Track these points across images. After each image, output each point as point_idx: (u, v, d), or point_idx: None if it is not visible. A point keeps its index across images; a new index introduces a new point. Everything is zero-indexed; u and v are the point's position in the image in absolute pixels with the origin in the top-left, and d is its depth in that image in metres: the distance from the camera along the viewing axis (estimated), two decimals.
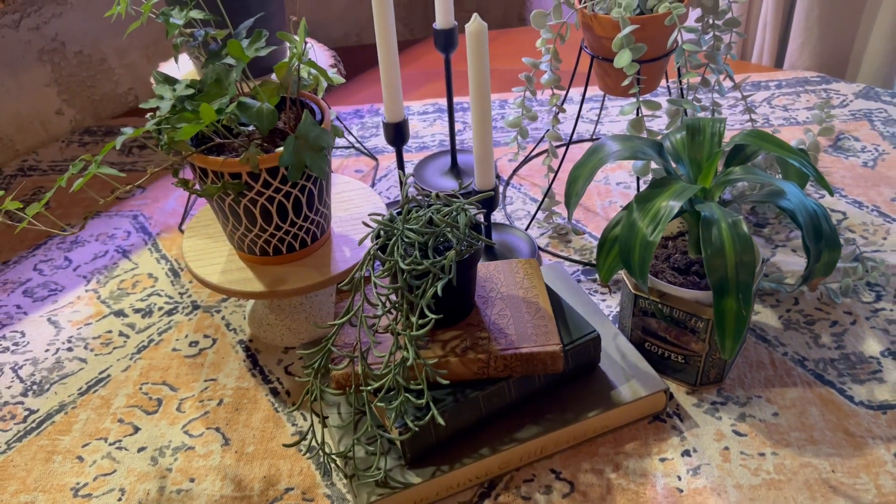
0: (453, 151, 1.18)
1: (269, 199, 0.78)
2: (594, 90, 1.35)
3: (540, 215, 1.09)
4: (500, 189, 1.17)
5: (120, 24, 1.41)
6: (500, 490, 0.75)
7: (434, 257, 0.70)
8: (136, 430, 0.84)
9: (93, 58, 1.41)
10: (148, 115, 0.77)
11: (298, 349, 0.75)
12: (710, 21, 0.96)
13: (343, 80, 0.85)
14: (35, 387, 0.90)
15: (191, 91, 0.73)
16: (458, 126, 1.33)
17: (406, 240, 0.70)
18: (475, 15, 0.82)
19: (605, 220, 1.09)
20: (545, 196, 1.06)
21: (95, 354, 0.94)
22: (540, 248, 1.04)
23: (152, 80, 0.78)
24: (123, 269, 1.07)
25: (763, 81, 1.38)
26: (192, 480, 0.78)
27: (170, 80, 0.77)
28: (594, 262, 1.02)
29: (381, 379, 0.70)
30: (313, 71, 0.86)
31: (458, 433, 0.75)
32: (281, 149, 0.75)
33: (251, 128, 0.80)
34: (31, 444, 0.84)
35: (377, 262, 0.73)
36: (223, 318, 0.98)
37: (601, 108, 1.23)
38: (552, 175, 1.06)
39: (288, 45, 0.81)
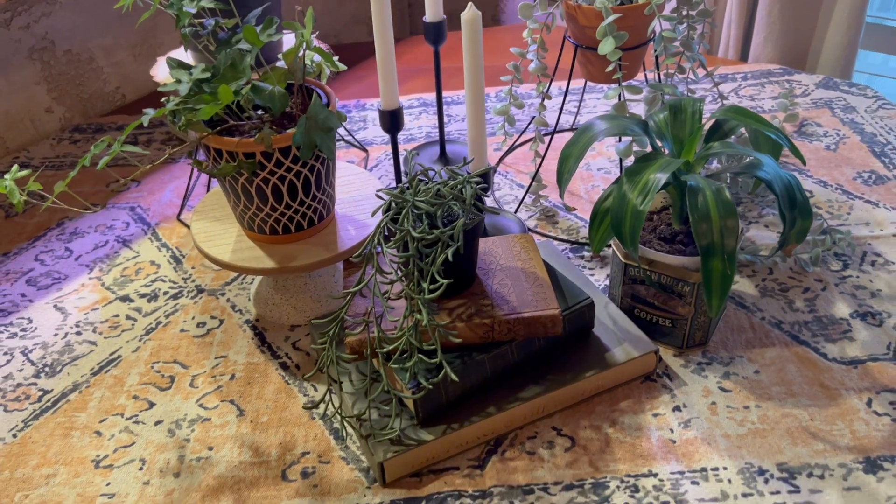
0: (442, 141, 1.23)
1: (281, 178, 0.82)
2: (575, 83, 1.41)
3: (528, 199, 1.14)
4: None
5: (108, 22, 1.44)
6: (505, 446, 0.80)
7: (443, 227, 0.75)
8: (151, 405, 0.87)
9: (81, 56, 1.43)
10: (163, 98, 0.81)
11: (313, 320, 0.79)
12: (685, 11, 1.03)
13: (345, 68, 0.89)
14: (47, 369, 0.93)
15: (207, 75, 0.77)
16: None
17: (415, 211, 0.75)
18: (470, 4, 0.87)
19: (590, 202, 1.15)
20: (533, 180, 1.11)
21: (105, 337, 0.97)
22: (529, 229, 1.10)
23: (166, 66, 0.82)
24: (125, 258, 1.10)
25: (730, 74, 1.46)
26: (210, 449, 0.82)
27: (184, 65, 0.80)
28: (581, 240, 1.07)
29: (395, 342, 0.75)
30: (317, 59, 0.90)
31: (466, 394, 0.80)
32: (293, 129, 0.79)
33: (259, 112, 0.85)
34: (48, 421, 0.86)
35: (387, 234, 0.77)
36: (228, 300, 1.01)
37: (580, 101, 1.29)
38: (539, 160, 1.11)
39: (294, 34, 0.85)
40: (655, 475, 0.76)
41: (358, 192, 0.97)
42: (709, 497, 0.74)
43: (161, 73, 1.08)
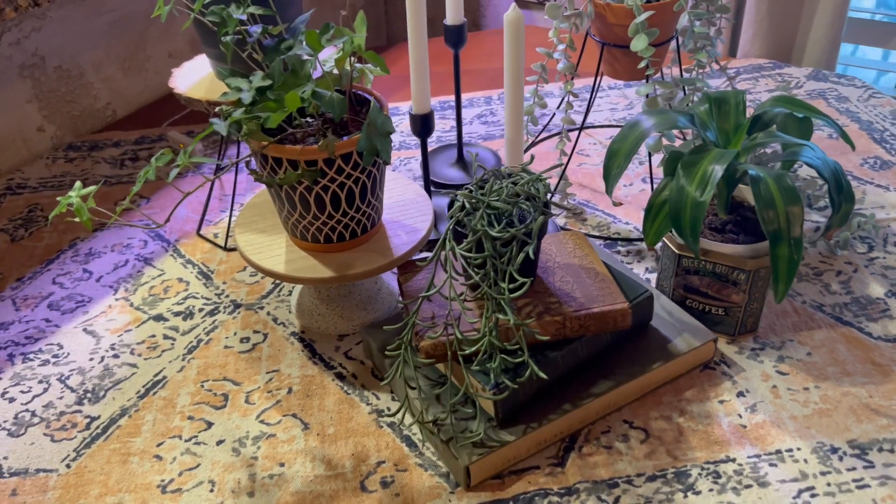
0: (460, 144, 1.23)
1: (340, 185, 0.81)
2: (580, 82, 1.42)
3: (556, 197, 1.15)
4: None
5: (97, 35, 1.39)
6: (581, 442, 0.80)
7: (517, 225, 0.75)
8: (209, 424, 0.85)
9: (71, 72, 1.38)
10: (218, 108, 0.79)
11: (385, 326, 0.78)
12: (706, 7, 1.05)
13: (388, 72, 0.88)
14: (89, 395, 0.89)
15: (268, 82, 0.75)
16: (446, 124, 1.38)
17: (489, 211, 0.75)
18: (513, 4, 0.87)
19: (614, 197, 1.16)
20: (560, 179, 1.12)
21: (144, 359, 0.93)
22: (561, 227, 1.11)
23: (185, 77, 0.80)
24: (150, 276, 1.06)
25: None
26: (281, 465, 0.79)
27: (236, 73, 0.78)
28: (612, 236, 1.09)
29: (476, 344, 0.74)
30: (358, 64, 0.89)
31: (539, 393, 0.80)
32: (357, 135, 0.78)
33: (307, 119, 0.83)
34: (101, 449, 0.83)
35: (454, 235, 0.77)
36: (268, 313, 0.99)
37: (591, 99, 1.31)
38: (566, 158, 1.12)
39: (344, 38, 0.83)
40: (733, 460, 0.78)
41: (400, 196, 0.96)
42: (789, 478, 0.76)
43: (181, 83, 1.05)
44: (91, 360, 0.94)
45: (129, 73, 1.48)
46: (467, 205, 0.75)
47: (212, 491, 0.77)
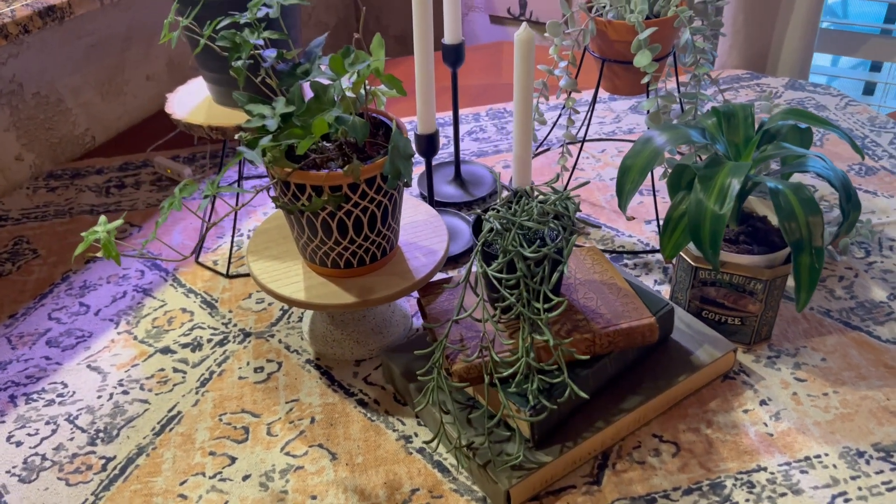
0: (457, 161, 1.23)
1: (364, 209, 0.80)
2: (578, 96, 1.43)
3: None
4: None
5: (75, 60, 1.36)
6: (614, 459, 0.80)
7: (549, 244, 0.74)
8: (233, 459, 0.82)
9: (50, 98, 1.34)
10: (237, 135, 0.77)
11: (417, 352, 0.77)
12: (701, 22, 1.07)
13: (405, 94, 0.88)
14: (102, 434, 0.86)
15: (291, 108, 0.74)
16: (444, 140, 1.38)
17: (520, 231, 0.74)
18: (524, 24, 0.88)
19: (612, 211, 1.18)
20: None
21: (156, 394, 0.91)
22: None
23: (182, 101, 0.78)
24: (152, 308, 1.03)
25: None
26: (313, 498, 0.78)
27: (255, 100, 0.77)
28: (617, 249, 1.10)
29: (513, 366, 0.74)
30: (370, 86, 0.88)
31: (572, 411, 0.80)
32: (381, 159, 0.77)
33: (326, 144, 0.82)
34: (121, 491, 0.80)
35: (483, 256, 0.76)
36: (279, 341, 0.97)
37: (590, 114, 1.32)
38: (567, 174, 1.13)
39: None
40: (765, 469, 0.78)
41: (412, 218, 0.95)
42: (821, 484, 0.77)
43: (178, 109, 1.03)
44: (99, 397, 0.90)
45: (108, 98, 1.44)
46: (498, 226, 0.74)
47: None
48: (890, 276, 1.02)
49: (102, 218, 0.70)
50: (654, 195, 1.11)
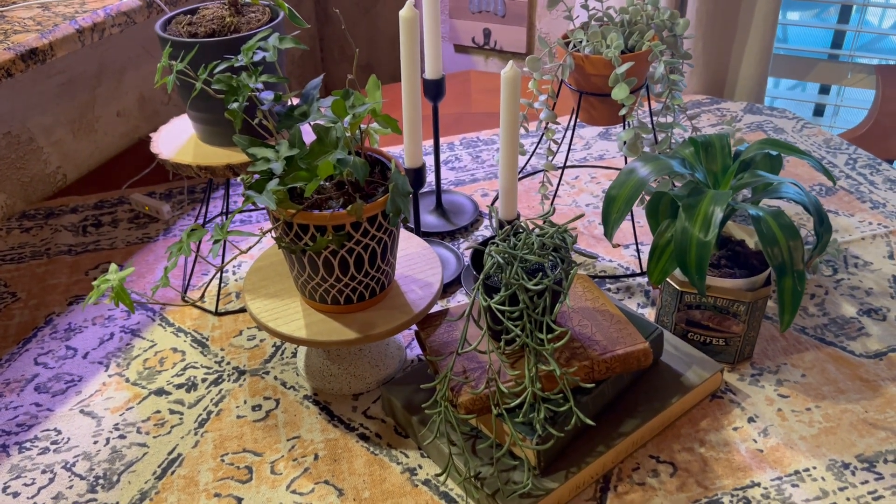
0: (438, 192, 1.25)
1: (365, 246, 0.81)
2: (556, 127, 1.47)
3: None
4: (487, 221, 1.25)
5: (46, 98, 1.34)
6: (615, 482, 0.83)
7: (547, 276, 0.77)
8: (239, 500, 0.82)
9: (21, 137, 1.32)
10: (240, 177, 0.78)
11: (423, 385, 0.78)
12: (671, 55, 1.12)
13: (400, 132, 0.90)
14: (101, 481, 0.85)
15: (295, 151, 0.75)
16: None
17: (522, 264, 0.77)
18: (511, 62, 0.91)
19: (591, 237, 1.21)
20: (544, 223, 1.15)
21: (154, 437, 0.90)
22: None
23: (166, 141, 0.79)
24: (141, 349, 1.03)
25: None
26: None
27: (256, 143, 0.78)
28: (599, 274, 1.13)
29: (519, 396, 0.76)
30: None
31: (573, 438, 0.82)
32: (382, 198, 0.79)
33: (323, 184, 0.83)
34: None
35: (484, 289, 0.79)
36: (275, 378, 0.97)
37: (570, 142, 1.36)
38: (547, 202, 1.16)
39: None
40: (758, 484, 0.82)
41: (404, 251, 0.97)
42: (812, 497, 0.80)
43: (164, 150, 1.03)
44: (95, 443, 0.89)
45: (79, 136, 1.43)
46: (500, 260, 0.77)
47: None
48: (857, 293, 1.08)
49: (113, 266, 0.70)
50: (633, 221, 1.15)
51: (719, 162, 0.94)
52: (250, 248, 0.75)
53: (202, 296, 1.10)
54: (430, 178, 1.36)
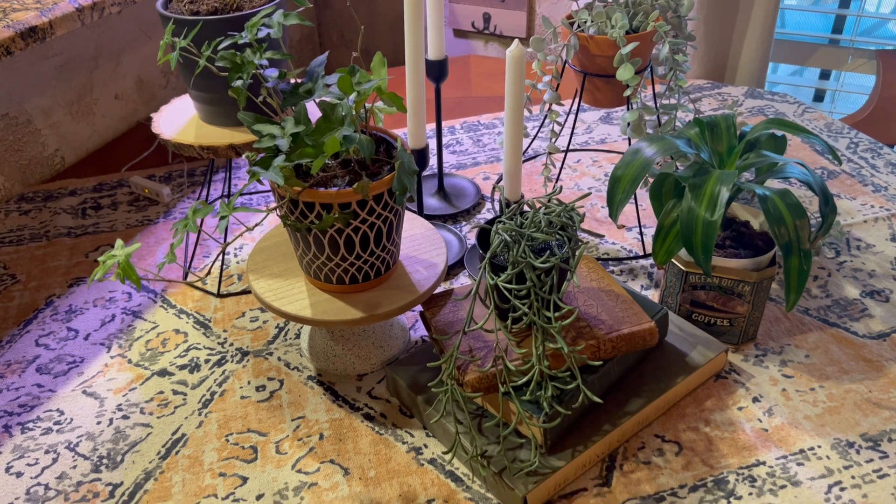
0: (440, 175, 1.24)
1: (371, 225, 0.81)
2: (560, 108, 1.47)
3: None
4: (489, 204, 1.25)
5: (44, 80, 1.33)
6: (620, 461, 0.83)
7: (554, 254, 0.77)
8: (244, 479, 0.82)
9: (19, 119, 1.31)
10: (245, 154, 0.77)
11: (430, 364, 0.78)
12: (674, 36, 1.12)
13: (405, 111, 0.89)
14: (106, 461, 0.85)
15: (301, 128, 0.74)
16: None
17: (529, 242, 0.77)
18: (516, 41, 0.90)
19: (594, 220, 1.21)
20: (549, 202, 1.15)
21: (157, 417, 0.90)
22: None
23: (168, 120, 0.78)
24: (143, 330, 1.02)
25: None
26: None
27: (262, 120, 0.77)
28: (602, 256, 1.13)
29: (526, 374, 0.76)
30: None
31: (579, 417, 0.82)
32: (388, 176, 0.78)
33: (328, 162, 0.83)
34: None
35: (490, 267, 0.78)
36: (278, 359, 0.97)
37: (574, 125, 1.35)
38: (551, 185, 1.16)
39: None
40: (764, 463, 0.82)
41: (409, 232, 0.96)
42: (817, 475, 0.81)
43: (166, 129, 1.02)
44: (98, 423, 0.89)
45: (77, 118, 1.42)
46: (507, 238, 0.76)
47: None
48: (860, 275, 1.08)
49: (119, 242, 0.69)
50: (637, 204, 1.14)
51: (725, 142, 0.94)
52: (256, 225, 0.75)
53: (208, 272, 1.10)
54: (433, 161, 1.35)
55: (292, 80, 0.82)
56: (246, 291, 1.08)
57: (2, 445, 0.87)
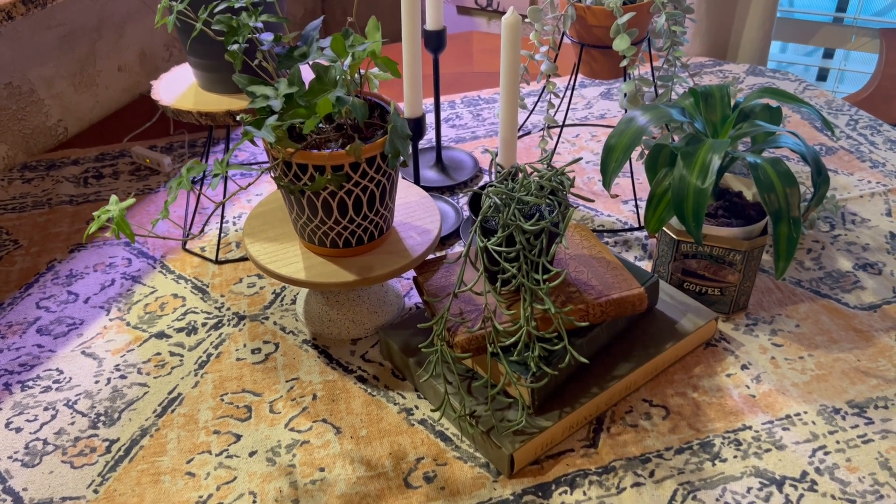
0: (438, 147, 1.25)
1: (363, 189, 0.82)
2: (558, 80, 1.47)
3: None
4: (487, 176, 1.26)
5: (47, 50, 1.34)
6: (608, 423, 0.84)
7: (544, 218, 0.78)
8: (238, 437, 0.84)
9: (22, 89, 1.32)
10: (239, 116, 0.78)
11: (421, 325, 0.79)
12: (673, 7, 1.12)
13: (400, 76, 0.90)
14: (103, 418, 0.86)
15: (294, 89, 0.75)
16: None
17: (520, 206, 0.77)
18: (511, 8, 0.91)
19: (590, 193, 1.21)
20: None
21: (154, 377, 0.91)
22: None
23: (168, 86, 0.79)
24: (142, 294, 1.04)
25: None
26: (321, 470, 0.80)
27: (256, 82, 0.78)
28: (597, 228, 1.13)
29: (514, 335, 0.77)
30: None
31: (569, 378, 0.83)
32: (381, 139, 0.79)
33: (321, 125, 0.84)
34: (128, 471, 0.80)
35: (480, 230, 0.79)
36: (274, 323, 0.98)
37: (570, 98, 1.36)
38: (548, 156, 1.16)
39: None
40: (750, 427, 0.83)
41: (403, 199, 0.97)
42: (802, 439, 0.82)
43: (165, 96, 1.03)
44: (97, 382, 0.91)
45: (80, 89, 1.43)
46: (497, 201, 0.77)
47: (255, 502, 0.77)
48: (853, 248, 1.08)
49: (114, 198, 0.71)
50: (633, 177, 1.15)
51: (719, 112, 0.94)
52: (249, 184, 0.76)
53: (202, 231, 1.12)
54: (431, 135, 1.36)
55: (288, 44, 0.83)
56: (244, 258, 1.09)
57: (2, 402, 0.88)
